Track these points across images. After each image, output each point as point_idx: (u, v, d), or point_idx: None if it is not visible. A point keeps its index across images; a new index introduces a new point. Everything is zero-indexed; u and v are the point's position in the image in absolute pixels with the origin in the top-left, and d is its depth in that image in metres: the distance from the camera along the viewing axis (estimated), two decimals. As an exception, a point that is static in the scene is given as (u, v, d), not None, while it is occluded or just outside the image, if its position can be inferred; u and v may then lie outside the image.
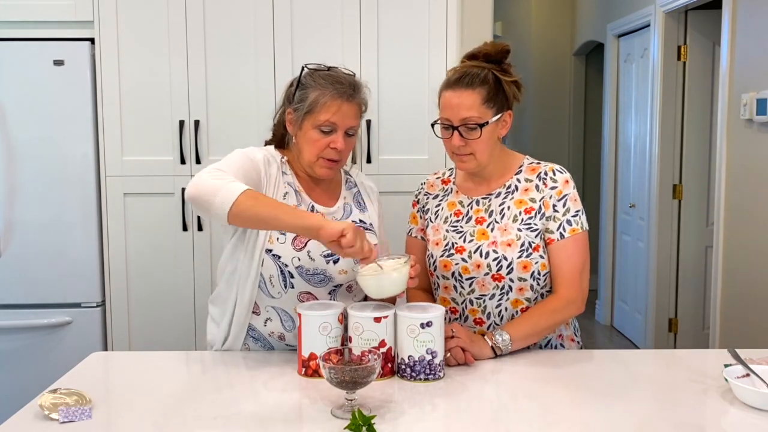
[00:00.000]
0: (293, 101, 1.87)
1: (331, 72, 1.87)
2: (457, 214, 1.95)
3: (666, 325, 4.59)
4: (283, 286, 1.83)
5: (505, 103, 1.87)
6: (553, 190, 1.88)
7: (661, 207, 4.50)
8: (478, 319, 1.90)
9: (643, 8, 4.64)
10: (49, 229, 2.90)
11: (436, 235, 1.95)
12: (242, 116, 2.86)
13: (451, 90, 1.84)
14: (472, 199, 1.95)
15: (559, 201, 1.87)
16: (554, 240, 1.87)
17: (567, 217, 1.87)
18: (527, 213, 1.87)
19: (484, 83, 1.83)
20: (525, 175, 1.92)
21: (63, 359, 2.59)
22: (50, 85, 2.85)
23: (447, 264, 1.90)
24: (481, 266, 1.86)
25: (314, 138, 1.83)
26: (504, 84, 1.85)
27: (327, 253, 1.83)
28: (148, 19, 2.83)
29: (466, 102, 1.82)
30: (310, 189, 1.92)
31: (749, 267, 3.35)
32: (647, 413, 1.50)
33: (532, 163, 1.95)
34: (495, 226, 1.88)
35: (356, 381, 1.44)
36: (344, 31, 2.84)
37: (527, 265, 1.85)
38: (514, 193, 1.91)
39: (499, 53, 1.87)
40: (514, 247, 1.85)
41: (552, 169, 1.91)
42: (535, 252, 1.86)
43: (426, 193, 2.05)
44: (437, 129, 1.90)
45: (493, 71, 1.85)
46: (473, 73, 1.83)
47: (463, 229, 1.92)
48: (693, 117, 4.43)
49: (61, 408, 1.45)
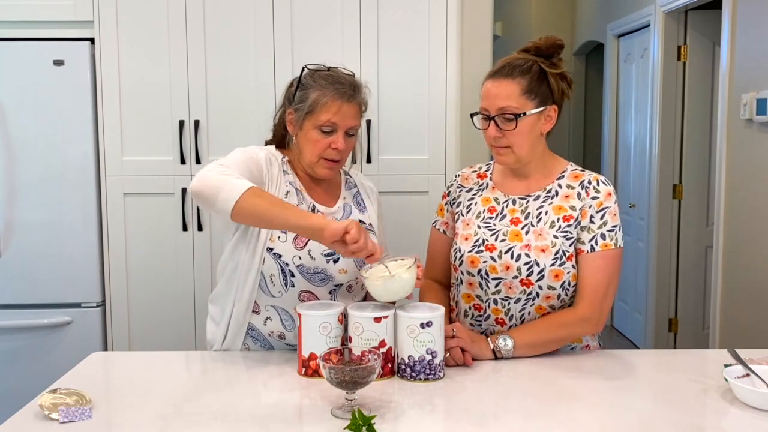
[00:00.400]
0: (293, 101, 1.87)
1: (331, 72, 1.87)
2: (491, 210, 1.89)
3: (666, 325, 4.59)
4: (283, 285, 1.83)
5: (549, 96, 1.80)
6: (594, 201, 1.82)
7: (661, 207, 4.50)
8: (500, 319, 1.86)
9: (643, 8, 4.64)
10: (49, 229, 2.89)
11: (467, 230, 1.90)
12: (242, 116, 2.86)
13: (491, 79, 1.80)
14: (509, 198, 1.89)
15: (598, 213, 1.81)
16: (584, 251, 1.81)
17: (602, 231, 1.80)
18: (565, 221, 1.81)
19: (525, 74, 1.77)
20: (567, 181, 1.86)
21: (63, 359, 2.59)
22: (50, 85, 2.84)
23: (475, 260, 1.85)
24: (510, 268, 1.81)
25: (315, 138, 1.83)
26: (550, 77, 1.79)
27: (327, 253, 1.83)
28: (148, 19, 2.83)
29: (504, 91, 1.77)
30: (311, 189, 1.92)
31: (749, 267, 3.35)
32: (647, 413, 1.50)
33: (575, 169, 1.89)
34: (530, 229, 1.82)
35: (356, 381, 1.44)
36: (344, 30, 2.84)
37: (559, 273, 1.80)
38: (553, 198, 1.84)
39: (551, 47, 1.82)
40: (548, 253, 1.79)
41: (597, 178, 1.85)
42: (568, 261, 1.80)
43: (459, 185, 1.99)
44: (477, 120, 1.84)
45: (539, 63, 1.79)
46: (516, 63, 1.79)
47: (496, 227, 1.86)
48: (693, 117, 4.43)
49: (61, 408, 1.45)
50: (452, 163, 2.87)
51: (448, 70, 2.84)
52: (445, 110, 2.85)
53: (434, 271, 2.03)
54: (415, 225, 2.82)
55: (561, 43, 1.83)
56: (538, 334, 1.79)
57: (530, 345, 1.79)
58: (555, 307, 1.84)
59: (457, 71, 2.85)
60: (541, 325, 1.81)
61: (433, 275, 2.03)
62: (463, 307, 1.92)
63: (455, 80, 2.85)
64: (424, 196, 2.88)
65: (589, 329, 1.83)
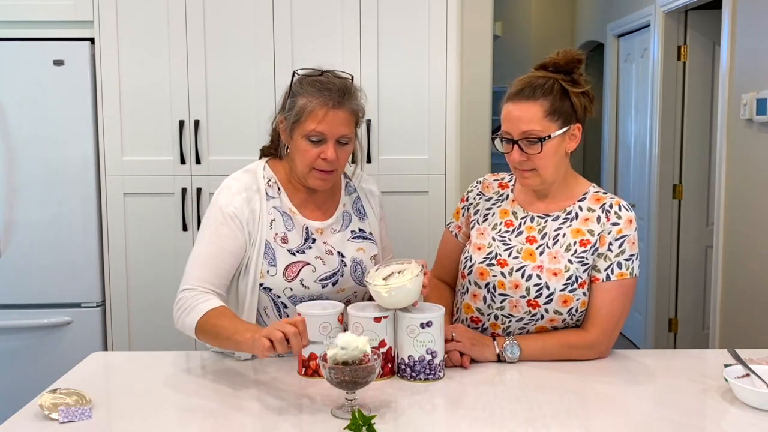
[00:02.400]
0: (284, 109, 1.82)
1: (321, 78, 1.79)
2: (508, 224, 1.86)
3: (666, 325, 4.58)
4: (277, 316, 1.83)
5: (572, 115, 1.76)
6: (614, 227, 1.78)
7: (661, 207, 4.50)
8: (497, 333, 1.83)
9: (643, 8, 4.64)
10: (49, 229, 2.89)
11: (480, 239, 1.86)
12: (242, 116, 2.86)
13: (512, 102, 1.75)
14: (528, 215, 1.85)
15: (617, 240, 1.78)
16: (599, 279, 1.78)
17: (619, 259, 1.78)
18: (582, 245, 1.77)
19: (547, 94, 1.72)
20: (588, 204, 1.82)
21: (63, 359, 2.59)
22: (50, 85, 2.84)
23: (484, 273, 1.81)
24: (519, 287, 1.77)
25: (304, 148, 1.77)
26: (571, 95, 1.75)
27: (323, 278, 1.81)
28: (148, 19, 2.83)
29: (526, 115, 1.72)
30: (308, 200, 1.87)
31: (749, 267, 3.35)
32: (647, 413, 1.50)
33: (597, 192, 1.85)
34: (545, 250, 1.78)
35: (356, 381, 1.44)
36: (344, 30, 2.84)
37: (568, 299, 1.77)
38: (573, 221, 1.81)
39: (570, 62, 1.77)
40: (560, 277, 1.75)
41: (618, 203, 1.81)
42: (579, 288, 1.77)
43: (480, 192, 1.96)
44: (498, 143, 1.80)
45: (560, 81, 1.75)
46: (537, 84, 1.73)
47: (511, 242, 1.82)
48: (693, 117, 4.43)
49: (61, 408, 1.45)
50: (452, 163, 2.87)
51: (448, 70, 2.84)
52: (445, 110, 2.85)
53: (441, 271, 2.03)
54: (415, 225, 2.83)
55: (580, 57, 1.78)
56: (545, 351, 1.77)
57: (534, 357, 1.77)
58: (557, 329, 1.82)
59: (457, 71, 2.85)
60: (550, 341, 1.78)
61: (439, 275, 2.02)
62: (461, 316, 1.91)
63: (455, 80, 2.85)
64: (424, 196, 2.88)
65: (596, 355, 1.81)
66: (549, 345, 1.78)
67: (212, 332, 1.69)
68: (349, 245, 1.87)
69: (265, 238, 1.79)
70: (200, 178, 2.88)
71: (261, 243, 1.78)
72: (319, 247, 1.83)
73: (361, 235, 1.90)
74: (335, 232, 1.87)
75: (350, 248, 1.87)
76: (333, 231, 1.87)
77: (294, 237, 1.81)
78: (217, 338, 1.69)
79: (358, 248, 1.88)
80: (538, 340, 1.78)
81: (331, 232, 1.86)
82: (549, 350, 1.78)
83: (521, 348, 1.75)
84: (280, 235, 1.80)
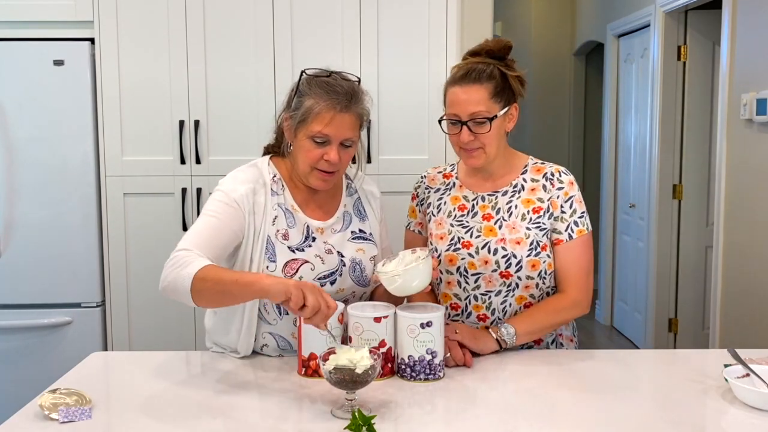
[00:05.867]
0: (290, 107, 1.82)
1: (329, 79, 1.79)
2: (462, 208, 1.95)
3: (666, 325, 4.59)
4: (277, 313, 1.83)
5: (511, 97, 1.88)
6: (560, 191, 1.90)
7: (661, 207, 4.50)
8: (482, 315, 1.90)
9: (643, 8, 4.64)
10: (49, 229, 2.90)
11: (440, 229, 1.94)
12: (242, 116, 2.86)
13: (458, 86, 1.85)
14: (477, 195, 1.95)
15: (566, 202, 1.89)
16: (563, 241, 1.88)
17: (574, 218, 1.89)
18: (535, 212, 1.88)
19: (491, 78, 1.83)
20: (531, 175, 1.93)
21: (63, 359, 2.59)
22: (50, 85, 2.85)
23: (453, 258, 1.89)
24: (489, 262, 1.86)
25: (307, 148, 1.78)
26: (510, 78, 1.87)
27: (321, 276, 1.81)
28: (148, 19, 2.83)
29: (474, 97, 1.82)
30: (308, 200, 1.88)
31: (749, 267, 3.35)
32: (647, 413, 1.50)
33: (536, 163, 1.96)
34: (503, 223, 1.89)
35: (356, 381, 1.44)
36: (344, 30, 2.84)
37: (536, 263, 1.86)
38: (521, 192, 1.91)
39: (502, 49, 1.88)
40: (523, 245, 1.85)
41: (558, 170, 1.93)
42: (543, 251, 1.87)
43: (427, 186, 2.04)
44: (444, 125, 1.90)
45: (498, 67, 1.86)
46: (479, 68, 1.84)
47: (469, 224, 1.92)
48: (693, 117, 4.43)
49: (61, 408, 1.45)
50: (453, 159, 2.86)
51: (448, 70, 2.84)
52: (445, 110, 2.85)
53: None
54: (415, 225, 2.82)
55: (510, 44, 1.89)
56: (535, 322, 1.85)
57: (530, 331, 1.85)
58: (534, 296, 1.90)
59: (457, 71, 2.84)
60: (537, 312, 1.87)
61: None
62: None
63: (455, 80, 2.84)
64: (424, 196, 2.88)
65: (580, 311, 1.90)
66: (536, 316, 1.86)
67: (214, 278, 1.61)
68: (349, 245, 1.88)
69: (267, 233, 1.79)
70: (200, 178, 2.89)
71: (263, 237, 1.79)
72: (319, 246, 1.84)
73: (361, 236, 1.90)
74: (335, 232, 1.87)
75: (350, 248, 1.87)
76: (333, 231, 1.87)
77: (294, 234, 1.82)
78: (220, 283, 1.60)
79: (357, 248, 1.88)
80: (525, 316, 1.87)
81: (331, 232, 1.87)
82: (538, 321, 1.86)
83: (514, 326, 1.82)
84: (281, 231, 1.81)
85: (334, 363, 1.45)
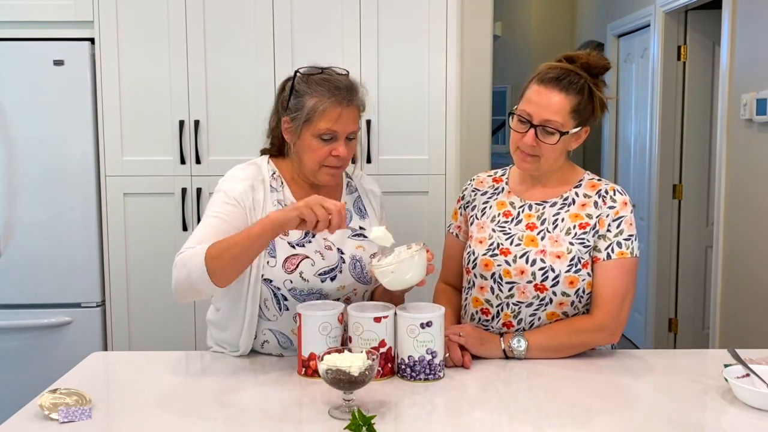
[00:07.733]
0: (289, 109, 1.81)
1: (325, 76, 1.80)
2: (506, 214, 1.88)
3: (666, 325, 4.58)
4: (277, 309, 1.83)
5: (589, 118, 1.80)
6: (611, 210, 1.82)
7: (661, 207, 4.50)
8: (508, 323, 1.84)
9: (643, 8, 4.64)
10: (49, 229, 2.90)
11: (481, 233, 1.89)
12: (242, 116, 2.86)
13: (544, 86, 1.76)
14: (525, 203, 1.88)
15: (615, 221, 1.81)
16: (600, 259, 1.80)
17: (618, 239, 1.81)
18: (581, 228, 1.81)
19: (579, 92, 1.75)
20: (584, 190, 1.86)
21: (63, 359, 2.59)
22: (50, 85, 2.84)
23: (489, 264, 1.84)
24: (525, 273, 1.79)
25: (315, 146, 1.78)
26: (595, 99, 1.78)
27: (321, 272, 1.81)
28: (148, 19, 2.83)
29: (555, 104, 1.74)
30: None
31: (749, 267, 3.35)
32: (647, 413, 1.50)
33: (592, 179, 1.89)
34: (546, 235, 1.81)
35: (353, 381, 1.43)
36: (344, 30, 2.84)
37: (574, 280, 1.79)
38: (570, 206, 1.84)
39: (599, 68, 1.79)
40: (563, 259, 1.78)
41: (613, 188, 1.85)
42: (583, 269, 1.79)
43: (474, 189, 1.98)
44: (513, 121, 1.81)
45: (589, 83, 1.77)
46: (572, 78, 1.75)
47: (511, 231, 1.85)
48: (693, 117, 4.43)
49: (61, 408, 1.45)
50: (452, 163, 2.87)
51: (448, 70, 2.84)
52: (445, 110, 2.85)
53: (449, 275, 2.03)
54: (415, 225, 2.83)
55: (609, 66, 1.80)
56: (553, 338, 1.78)
57: (544, 348, 1.77)
58: (568, 314, 1.82)
59: (457, 71, 2.85)
60: (557, 329, 1.80)
61: (448, 279, 2.03)
62: (470, 310, 1.91)
63: (455, 80, 2.85)
64: (424, 196, 2.88)
65: (605, 339, 1.81)
66: (556, 332, 1.78)
67: (224, 248, 1.63)
68: (349, 242, 1.88)
69: None
70: (200, 178, 2.89)
71: None
72: (319, 242, 1.84)
73: (361, 233, 1.90)
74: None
75: (350, 245, 1.88)
76: None
77: (294, 230, 1.82)
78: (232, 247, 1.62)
79: (357, 246, 1.88)
80: (544, 329, 1.80)
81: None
82: (556, 338, 1.78)
83: (528, 340, 1.76)
84: None
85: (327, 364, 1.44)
